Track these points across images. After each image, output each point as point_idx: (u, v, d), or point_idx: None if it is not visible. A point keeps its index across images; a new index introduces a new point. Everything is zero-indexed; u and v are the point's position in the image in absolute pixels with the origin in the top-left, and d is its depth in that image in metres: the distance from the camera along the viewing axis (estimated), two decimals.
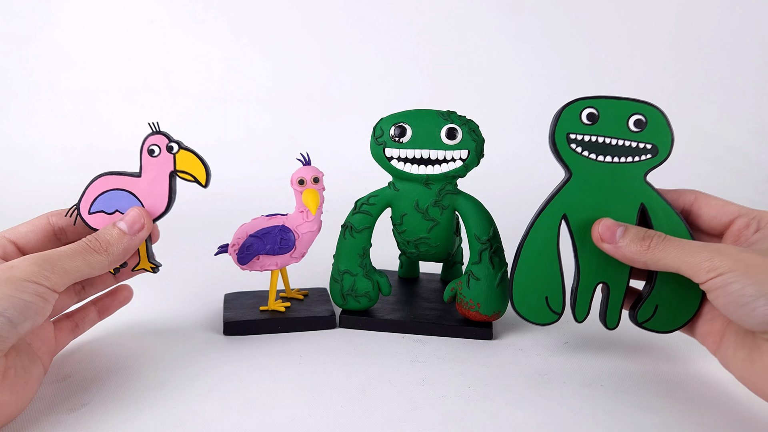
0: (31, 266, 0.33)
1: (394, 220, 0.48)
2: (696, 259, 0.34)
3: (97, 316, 0.44)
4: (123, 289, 0.46)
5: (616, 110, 0.40)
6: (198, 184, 0.41)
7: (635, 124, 0.40)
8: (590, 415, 0.37)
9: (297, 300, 0.51)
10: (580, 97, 0.41)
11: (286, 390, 0.39)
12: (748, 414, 0.37)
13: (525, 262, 0.42)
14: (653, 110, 0.40)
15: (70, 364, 0.42)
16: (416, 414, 0.36)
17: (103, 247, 0.37)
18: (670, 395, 0.39)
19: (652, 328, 0.41)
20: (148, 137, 0.41)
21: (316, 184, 0.46)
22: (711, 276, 0.33)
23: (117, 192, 0.41)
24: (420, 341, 0.46)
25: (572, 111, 0.41)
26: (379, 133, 0.46)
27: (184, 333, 0.47)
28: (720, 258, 0.33)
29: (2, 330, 0.31)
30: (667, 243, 0.36)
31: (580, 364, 0.43)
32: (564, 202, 0.41)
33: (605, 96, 0.40)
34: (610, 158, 0.40)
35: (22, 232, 0.40)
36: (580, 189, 0.41)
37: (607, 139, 0.40)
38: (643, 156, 0.40)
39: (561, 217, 0.41)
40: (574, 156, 0.41)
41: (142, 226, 0.40)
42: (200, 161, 0.41)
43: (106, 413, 0.36)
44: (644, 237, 0.37)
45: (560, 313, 0.42)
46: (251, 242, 0.46)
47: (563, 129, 0.41)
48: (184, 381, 0.40)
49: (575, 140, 0.41)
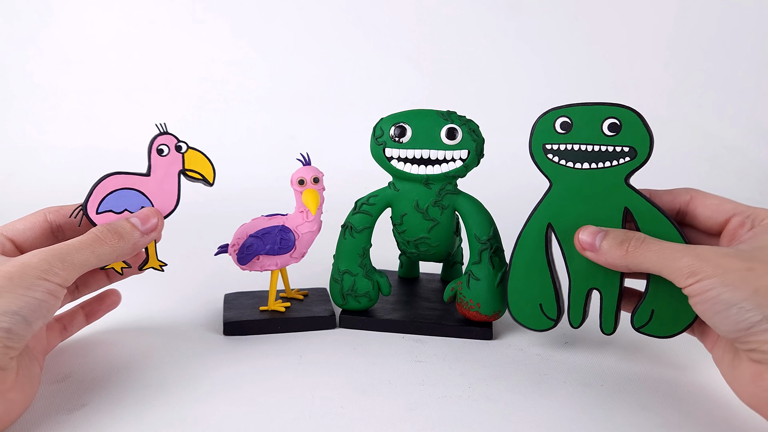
0: (41, 263, 0.33)
1: (394, 220, 0.48)
2: (676, 264, 0.33)
3: (84, 320, 0.45)
4: (111, 294, 0.46)
5: (589, 116, 0.40)
6: (205, 182, 0.42)
7: (609, 128, 0.39)
8: (590, 415, 0.37)
9: (297, 300, 0.51)
10: (552, 108, 0.41)
11: (286, 390, 0.39)
12: (748, 414, 0.37)
13: (516, 271, 0.43)
14: (627, 112, 0.39)
15: (70, 364, 0.42)
16: (416, 414, 0.36)
17: (114, 238, 0.37)
18: (670, 395, 0.39)
19: (650, 333, 0.40)
20: (156, 137, 0.41)
21: (316, 184, 0.46)
22: (690, 282, 0.32)
23: (126, 191, 0.41)
24: (420, 341, 0.46)
25: (546, 122, 0.41)
26: (379, 133, 0.46)
27: (184, 333, 0.47)
28: (700, 263, 0.32)
29: (19, 328, 0.31)
30: (646, 246, 0.36)
31: (580, 364, 0.43)
32: (547, 212, 0.41)
33: (578, 103, 0.40)
34: (587, 165, 0.40)
35: (19, 230, 0.39)
36: (561, 198, 0.41)
37: (582, 146, 0.40)
38: (621, 159, 0.39)
39: (546, 227, 0.41)
40: (552, 166, 0.41)
41: (155, 226, 0.40)
42: (208, 160, 0.42)
43: (106, 413, 0.36)
44: (623, 240, 0.37)
45: (555, 319, 0.43)
46: (251, 242, 0.46)
47: (539, 140, 0.41)
48: (183, 381, 0.40)
49: (551, 150, 0.41)
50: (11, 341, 0.31)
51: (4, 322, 0.31)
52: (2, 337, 0.31)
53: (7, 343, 0.31)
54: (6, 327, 0.31)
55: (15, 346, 0.31)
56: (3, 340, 0.31)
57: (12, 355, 0.31)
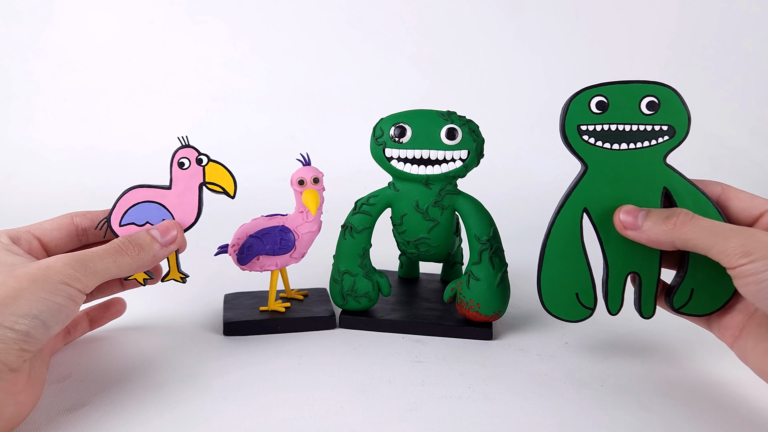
0: (65, 267, 0.33)
1: (394, 220, 0.48)
2: (728, 243, 0.33)
3: (88, 325, 0.45)
4: (116, 302, 0.46)
5: (626, 95, 0.39)
6: (226, 195, 0.43)
7: (648, 107, 0.38)
8: (590, 415, 0.37)
9: (297, 300, 0.51)
10: (587, 86, 0.39)
11: (286, 390, 0.39)
12: (749, 414, 0.37)
13: (550, 261, 0.41)
14: (665, 90, 0.38)
15: (70, 364, 0.42)
16: (416, 414, 0.36)
17: (135, 250, 0.38)
18: (670, 395, 0.39)
19: (690, 312, 0.39)
20: (178, 150, 0.41)
21: (316, 185, 0.46)
22: (742, 262, 0.32)
23: (148, 204, 0.41)
24: (420, 341, 0.46)
25: (580, 101, 0.39)
26: (379, 133, 0.46)
27: (184, 333, 0.47)
28: (753, 244, 0.32)
29: (37, 332, 0.31)
30: (695, 222, 0.35)
31: (580, 364, 0.43)
32: (583, 196, 0.40)
33: (613, 82, 0.39)
34: (625, 145, 0.39)
35: (47, 230, 0.40)
36: (598, 181, 0.40)
37: (620, 126, 0.39)
38: (660, 138, 0.38)
39: (582, 212, 0.40)
40: (587, 148, 0.40)
41: (174, 238, 0.40)
42: (228, 173, 0.42)
43: (106, 413, 0.36)
44: (669, 216, 0.36)
45: (593, 308, 0.42)
46: (251, 243, 0.46)
47: (573, 121, 0.40)
48: (183, 381, 0.40)
49: (587, 131, 0.39)
50: (28, 344, 0.31)
51: (23, 324, 0.31)
52: (20, 340, 0.31)
53: (24, 346, 0.31)
54: (25, 330, 0.31)
55: (31, 349, 0.31)
56: (20, 342, 0.31)
57: (26, 358, 0.32)
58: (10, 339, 0.30)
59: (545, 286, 0.42)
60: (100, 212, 0.42)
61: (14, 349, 0.30)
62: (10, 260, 0.35)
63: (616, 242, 0.40)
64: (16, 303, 0.31)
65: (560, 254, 0.41)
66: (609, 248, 0.40)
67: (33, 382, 0.33)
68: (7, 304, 0.31)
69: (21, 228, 0.39)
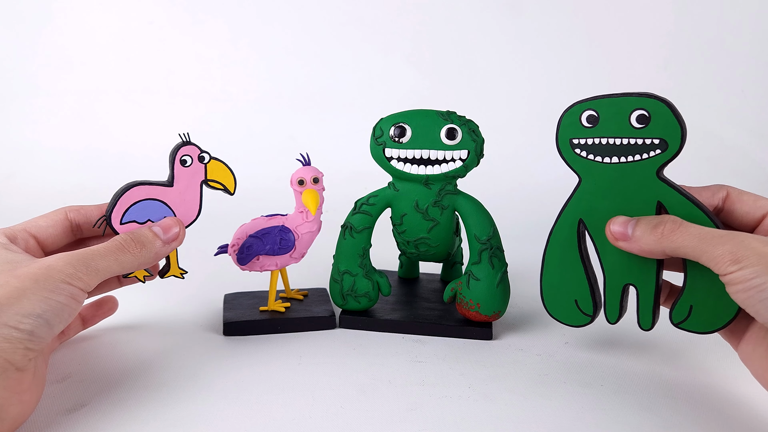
0: (66, 267, 0.34)
1: (394, 220, 0.48)
2: (717, 250, 0.32)
3: (81, 324, 0.45)
4: (108, 301, 0.46)
5: (615, 109, 0.39)
6: (226, 192, 0.43)
7: (638, 120, 0.38)
8: (590, 415, 0.36)
9: (297, 300, 0.51)
10: (577, 101, 0.40)
11: (286, 390, 0.39)
12: (749, 414, 0.37)
13: (550, 269, 0.42)
14: (655, 103, 0.38)
15: (70, 364, 0.42)
16: (416, 414, 0.36)
17: (137, 247, 0.38)
18: (670, 395, 0.39)
19: (690, 329, 0.38)
20: (180, 148, 0.41)
21: (316, 185, 0.46)
22: (732, 270, 0.31)
23: (149, 202, 0.41)
24: (420, 341, 0.46)
25: (572, 116, 0.40)
26: (378, 133, 0.46)
27: (184, 333, 0.47)
28: (743, 251, 0.31)
29: (41, 331, 0.32)
30: (683, 229, 0.35)
31: (580, 364, 0.43)
32: (578, 208, 0.41)
33: (603, 95, 0.39)
34: (616, 159, 0.39)
35: (42, 227, 0.40)
36: (591, 193, 0.40)
37: (611, 139, 0.39)
38: (652, 152, 0.38)
39: (578, 223, 0.41)
40: (580, 161, 0.40)
41: (176, 236, 0.40)
42: (230, 171, 0.42)
43: (106, 413, 0.36)
44: (657, 224, 0.36)
45: (592, 315, 0.42)
46: (251, 242, 0.46)
47: (566, 135, 0.40)
48: (183, 381, 0.40)
49: (579, 145, 0.40)
50: (32, 343, 0.31)
51: (27, 324, 0.31)
52: (25, 339, 0.31)
53: (29, 345, 0.31)
54: (29, 329, 0.31)
55: (35, 348, 0.32)
56: (25, 342, 0.31)
57: (31, 357, 0.32)
58: (15, 338, 0.30)
59: (546, 292, 0.43)
60: (93, 207, 0.42)
61: (20, 348, 0.31)
62: (10, 259, 0.35)
63: (611, 254, 0.40)
64: (20, 303, 0.31)
65: (558, 263, 0.42)
66: (605, 259, 0.41)
67: (36, 380, 0.33)
68: (10, 304, 0.31)
69: (16, 226, 0.39)
